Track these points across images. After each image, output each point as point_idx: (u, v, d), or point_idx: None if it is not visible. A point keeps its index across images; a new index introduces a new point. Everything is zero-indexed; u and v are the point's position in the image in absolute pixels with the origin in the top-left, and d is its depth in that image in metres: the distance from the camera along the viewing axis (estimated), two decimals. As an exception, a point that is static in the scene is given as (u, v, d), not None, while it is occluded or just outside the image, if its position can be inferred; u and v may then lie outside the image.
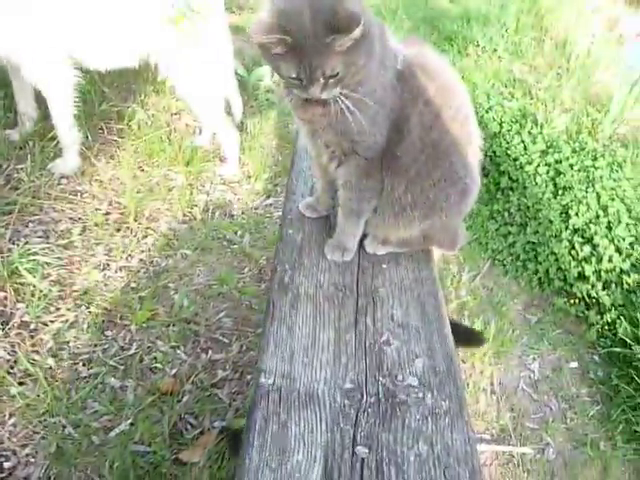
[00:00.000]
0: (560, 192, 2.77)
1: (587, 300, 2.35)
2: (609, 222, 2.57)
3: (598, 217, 2.59)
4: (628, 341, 2.08)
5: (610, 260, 2.40)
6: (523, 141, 3.17)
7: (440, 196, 1.16)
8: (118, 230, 2.34)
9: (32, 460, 1.55)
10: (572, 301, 2.36)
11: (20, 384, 1.71)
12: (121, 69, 2.60)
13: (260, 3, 4.23)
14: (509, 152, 3.09)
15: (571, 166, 2.92)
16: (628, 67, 4.47)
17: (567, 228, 2.58)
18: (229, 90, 2.83)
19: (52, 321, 1.91)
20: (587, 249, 2.46)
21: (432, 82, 1.08)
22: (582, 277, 2.41)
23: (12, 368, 1.75)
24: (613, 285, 2.34)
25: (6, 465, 1.53)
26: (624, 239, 2.47)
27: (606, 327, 2.24)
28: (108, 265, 2.18)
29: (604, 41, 5.02)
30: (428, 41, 4.60)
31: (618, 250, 2.44)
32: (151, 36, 2.39)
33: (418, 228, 1.22)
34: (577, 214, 2.61)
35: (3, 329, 1.84)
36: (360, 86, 0.99)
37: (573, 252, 2.49)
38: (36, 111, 2.64)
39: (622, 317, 2.19)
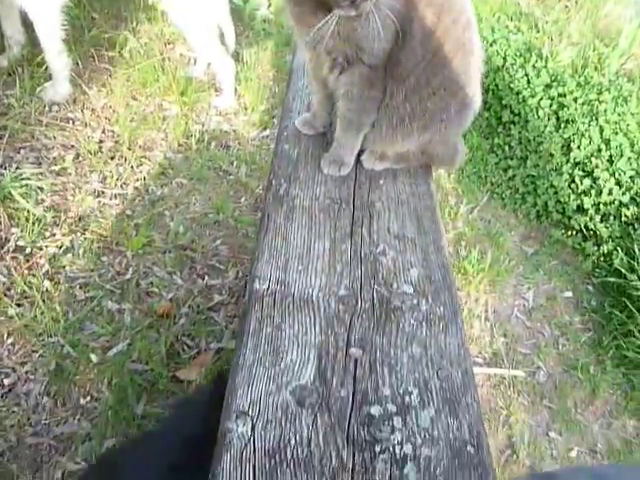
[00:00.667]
0: (562, 125, 2.72)
1: (585, 232, 2.34)
2: (611, 156, 2.53)
3: (600, 151, 2.55)
4: (623, 271, 2.09)
5: (610, 193, 2.38)
6: (527, 74, 3.08)
7: (439, 106, 1.12)
8: (112, 158, 2.30)
9: (31, 377, 1.58)
10: (569, 233, 2.36)
11: (18, 305, 1.72)
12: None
13: None
14: (512, 86, 3.01)
15: (575, 100, 2.85)
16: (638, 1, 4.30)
17: (568, 161, 2.55)
18: (222, 18, 2.71)
19: (47, 246, 1.90)
20: (587, 182, 2.43)
21: None
22: (581, 210, 2.40)
23: (9, 290, 1.75)
24: (611, 217, 2.33)
25: (6, 382, 1.56)
26: (625, 172, 2.44)
27: (602, 258, 2.25)
28: (103, 192, 2.16)
29: (615, -27, 4.81)
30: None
31: (618, 183, 2.42)
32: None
33: (417, 141, 1.19)
34: (579, 147, 2.57)
35: (-2, 253, 1.83)
36: None
37: (573, 185, 2.47)
38: (23, 35, 2.54)
39: (619, 248, 2.19)
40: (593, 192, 2.40)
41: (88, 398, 1.56)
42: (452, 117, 1.16)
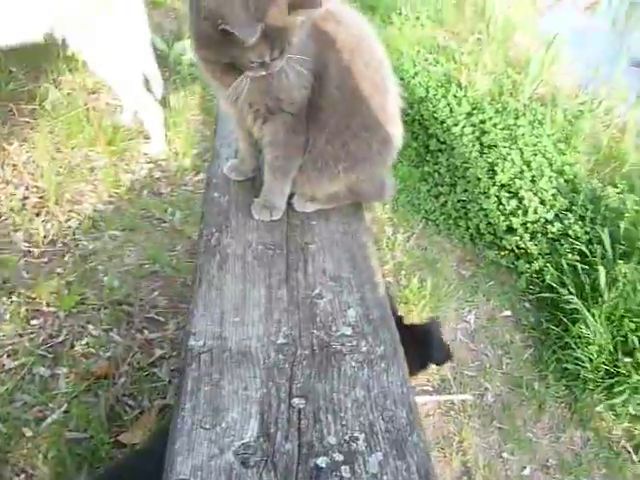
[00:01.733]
0: (486, 150, 2.84)
1: (516, 251, 2.44)
2: (533, 176, 2.66)
3: (522, 172, 2.68)
4: (555, 286, 2.18)
5: (535, 212, 2.49)
6: (449, 104, 3.22)
7: (362, 146, 1.15)
8: (38, 215, 2.21)
9: (-42, 459, 1.46)
10: (502, 253, 2.45)
11: (-62, 382, 1.59)
12: (26, 45, 2.42)
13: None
14: (436, 115, 3.14)
15: (495, 125, 3.00)
16: (543, 31, 4.64)
17: (494, 184, 2.66)
18: (147, 65, 2.70)
19: (-31, 314, 1.79)
20: (514, 203, 2.54)
21: (343, 28, 1.06)
22: (510, 230, 2.50)
23: None
24: (539, 235, 2.44)
25: None
26: (547, 191, 2.57)
27: (535, 275, 2.34)
28: (30, 252, 2.06)
29: (520, 6, 5.17)
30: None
31: (542, 202, 2.54)
32: (54, 7, 2.22)
33: (343, 182, 1.21)
34: (503, 170, 2.69)
35: None
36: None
37: (501, 207, 2.57)
38: None
39: (549, 264, 2.29)
40: (520, 212, 2.51)
41: (22, 476, 1.45)
42: (375, 155, 1.18)
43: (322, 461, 0.81)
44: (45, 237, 2.12)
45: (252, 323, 1.01)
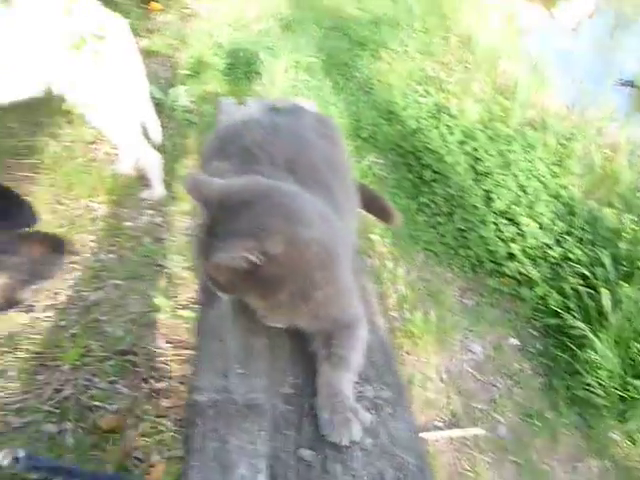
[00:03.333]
0: (480, 178, 2.88)
1: (518, 277, 2.44)
2: (529, 201, 2.68)
3: (519, 198, 2.70)
4: (560, 311, 2.17)
5: (534, 237, 2.50)
6: (441, 134, 3.28)
7: None
8: (40, 268, 2.22)
9: (-35, 526, 1.43)
10: (504, 280, 2.44)
11: (-56, 446, 1.58)
12: (24, 101, 2.47)
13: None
14: (429, 146, 3.18)
15: (488, 152, 3.04)
16: (528, 54, 4.73)
17: (491, 211, 2.68)
18: (146, 114, 2.76)
19: (-26, 373, 1.78)
20: (512, 229, 2.56)
21: None
22: (511, 256, 2.50)
23: None
24: (540, 260, 2.44)
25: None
26: (544, 215, 2.59)
27: (539, 301, 2.33)
28: (33, 306, 2.06)
29: (504, 34, 5.29)
30: (340, 48, 4.69)
31: (540, 227, 2.55)
32: (51, 64, 2.29)
33: None
34: (499, 197, 2.71)
35: None
36: None
37: (499, 234, 2.58)
38: None
39: (552, 290, 2.29)
40: (519, 238, 2.52)
41: (32, 539, 1.42)
42: None
43: (333, 514, 0.80)
44: (48, 291, 2.13)
45: (257, 374, 1.01)
